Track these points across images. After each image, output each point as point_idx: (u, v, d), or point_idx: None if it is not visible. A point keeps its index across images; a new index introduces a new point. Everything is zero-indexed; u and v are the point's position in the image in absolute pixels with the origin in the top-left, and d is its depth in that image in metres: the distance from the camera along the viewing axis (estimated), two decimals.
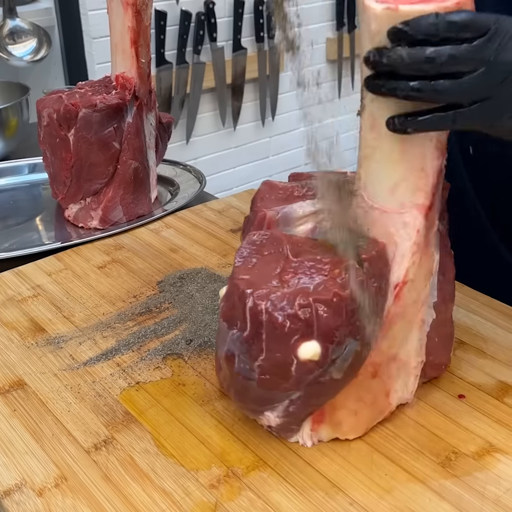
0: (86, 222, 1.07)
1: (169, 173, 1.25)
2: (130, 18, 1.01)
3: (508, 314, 0.81)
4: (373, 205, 0.59)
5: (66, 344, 0.78)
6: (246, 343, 0.57)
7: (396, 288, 0.60)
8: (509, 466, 0.61)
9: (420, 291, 0.61)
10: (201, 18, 2.26)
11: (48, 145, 1.06)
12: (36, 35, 1.88)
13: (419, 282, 0.61)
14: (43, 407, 0.69)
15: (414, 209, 0.58)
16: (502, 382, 0.70)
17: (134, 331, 0.80)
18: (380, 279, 0.58)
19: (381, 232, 0.59)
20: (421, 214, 0.58)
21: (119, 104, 1.02)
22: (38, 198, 1.22)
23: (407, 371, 0.64)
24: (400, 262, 0.59)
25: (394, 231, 0.59)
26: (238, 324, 0.57)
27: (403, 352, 0.63)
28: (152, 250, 0.99)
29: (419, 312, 0.62)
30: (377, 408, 0.64)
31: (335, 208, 0.61)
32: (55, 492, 0.59)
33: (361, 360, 0.59)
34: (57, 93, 1.06)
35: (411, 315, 0.62)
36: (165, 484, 0.60)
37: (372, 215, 0.60)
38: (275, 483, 0.60)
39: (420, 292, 0.62)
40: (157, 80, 2.22)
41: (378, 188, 0.59)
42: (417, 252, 0.59)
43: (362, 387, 0.61)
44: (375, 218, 0.60)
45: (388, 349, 0.61)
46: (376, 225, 0.60)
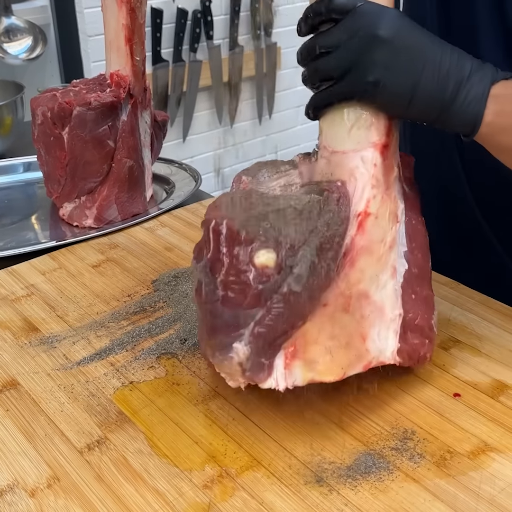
0: (81, 221, 1.06)
1: (164, 171, 1.24)
2: (124, 15, 1.01)
3: (504, 312, 0.81)
4: (333, 149, 0.65)
5: (60, 344, 0.78)
6: (209, 263, 0.61)
7: (359, 217, 0.63)
8: (504, 465, 0.61)
9: (385, 231, 0.64)
10: (198, 16, 2.25)
11: (42, 143, 1.05)
12: (31, 33, 1.87)
13: (383, 220, 0.64)
14: (36, 407, 0.69)
15: (370, 147, 0.64)
16: (497, 380, 0.70)
17: (128, 330, 0.80)
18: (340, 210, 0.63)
19: (343, 172, 0.65)
20: (377, 151, 0.64)
21: (114, 102, 1.02)
22: (33, 197, 1.22)
23: (384, 320, 0.64)
24: (361, 194, 0.63)
25: (353, 168, 0.64)
26: (204, 252, 0.62)
27: (377, 294, 0.64)
28: (147, 249, 0.99)
29: (388, 256, 0.65)
30: (354, 351, 0.63)
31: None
32: (48, 492, 0.59)
33: (320, 275, 0.60)
34: (51, 91, 1.05)
35: (379, 254, 0.64)
36: (158, 485, 0.59)
37: (334, 160, 0.65)
38: (269, 483, 0.59)
39: (386, 232, 0.64)
40: (153, 78, 2.21)
41: (337, 133, 0.65)
42: (377, 187, 0.64)
43: (334, 321, 0.61)
44: (337, 162, 0.65)
45: (357, 282, 0.62)
46: (338, 167, 0.65)
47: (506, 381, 0.70)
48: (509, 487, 0.58)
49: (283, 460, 0.62)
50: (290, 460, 0.62)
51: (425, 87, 0.61)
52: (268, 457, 0.62)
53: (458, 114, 0.62)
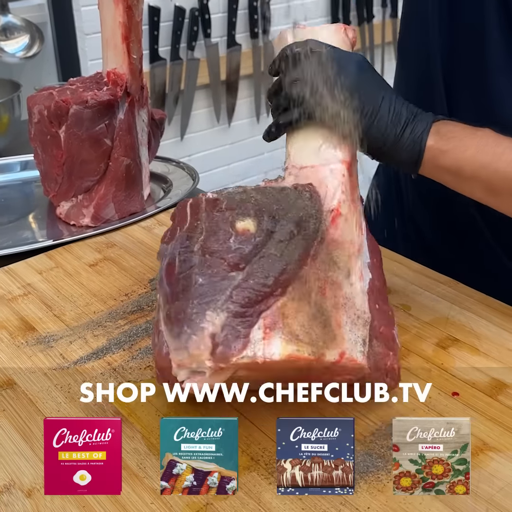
0: (78, 219, 1.06)
1: (162, 170, 1.24)
2: (121, 13, 1.00)
3: (502, 311, 0.80)
4: (301, 166, 0.70)
5: (57, 343, 0.78)
6: (186, 234, 0.63)
7: (332, 212, 0.66)
8: (502, 465, 0.60)
9: (354, 235, 0.68)
10: (195, 14, 2.25)
11: (39, 142, 1.05)
12: (28, 32, 1.87)
13: (352, 225, 0.68)
14: (32, 407, 0.68)
15: (337, 162, 0.70)
16: (495, 379, 0.70)
17: (125, 329, 0.79)
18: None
19: (313, 182, 0.69)
20: (344, 166, 0.69)
21: (111, 100, 1.02)
22: (30, 196, 1.22)
23: (355, 315, 0.65)
24: (333, 195, 0.67)
25: (323, 178, 0.69)
26: (178, 229, 0.65)
27: (348, 289, 0.65)
28: (144, 248, 0.98)
29: (357, 258, 0.67)
30: (331, 333, 0.62)
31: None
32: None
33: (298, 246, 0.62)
34: (48, 90, 1.05)
35: (349, 252, 0.66)
36: (156, 484, 0.59)
37: (303, 174, 0.70)
38: (266, 483, 0.59)
39: (354, 236, 0.68)
40: (151, 77, 2.21)
41: (305, 153, 0.71)
42: (345, 194, 0.68)
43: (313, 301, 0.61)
44: (306, 175, 0.69)
45: (331, 270, 0.64)
46: (307, 180, 0.69)
47: (505, 380, 0.70)
48: (508, 486, 0.58)
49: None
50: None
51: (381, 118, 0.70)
52: (266, 457, 0.62)
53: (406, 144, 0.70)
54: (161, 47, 2.22)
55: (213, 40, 2.32)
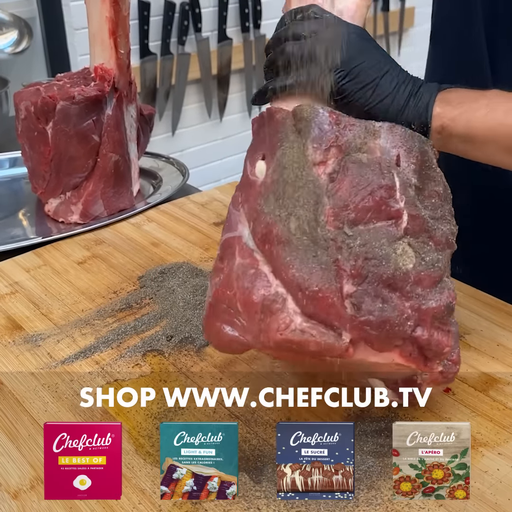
0: (67, 216, 1.05)
1: (151, 166, 1.23)
2: (108, 8, 0.99)
3: (493, 305, 0.80)
4: None
5: (44, 342, 0.77)
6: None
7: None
8: (493, 461, 0.60)
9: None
10: (185, 8, 2.23)
11: (26, 138, 1.04)
12: (17, 27, 1.85)
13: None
14: (19, 407, 0.68)
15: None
16: (486, 374, 0.70)
17: (113, 327, 0.79)
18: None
19: None
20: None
21: (98, 96, 1.01)
22: (19, 193, 1.20)
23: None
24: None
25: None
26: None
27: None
28: (133, 245, 0.98)
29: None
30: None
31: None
32: (31, 494, 0.58)
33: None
34: (35, 86, 1.04)
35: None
36: (144, 485, 0.59)
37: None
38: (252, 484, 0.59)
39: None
40: (141, 72, 2.19)
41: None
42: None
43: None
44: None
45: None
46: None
47: (495, 375, 0.69)
48: (499, 483, 0.58)
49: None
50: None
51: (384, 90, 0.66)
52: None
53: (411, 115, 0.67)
54: (151, 42, 2.21)
55: (203, 34, 2.31)
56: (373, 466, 0.59)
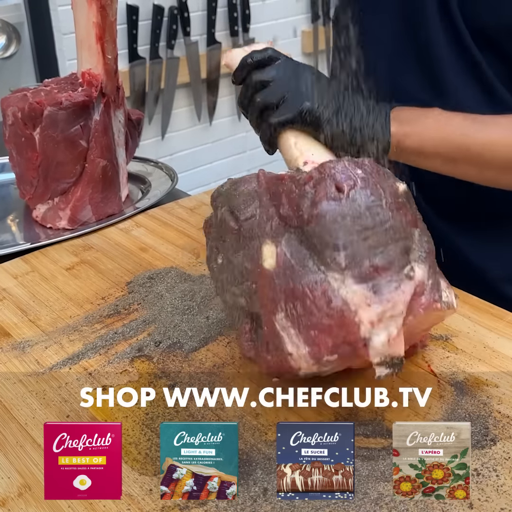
0: (55, 222, 1.05)
1: (140, 170, 1.23)
2: (94, 13, 0.99)
3: (479, 307, 0.80)
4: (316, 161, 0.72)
5: (32, 349, 0.77)
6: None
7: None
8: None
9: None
10: (174, 12, 2.23)
11: (13, 144, 1.04)
12: (5, 32, 1.85)
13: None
14: (7, 414, 0.67)
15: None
16: (472, 376, 0.70)
17: (101, 334, 0.79)
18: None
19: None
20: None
21: (86, 101, 1.01)
22: (7, 199, 1.20)
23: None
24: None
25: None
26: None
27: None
28: (122, 250, 0.98)
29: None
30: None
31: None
32: (18, 502, 0.58)
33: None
34: (22, 91, 1.04)
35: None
36: (131, 490, 0.59)
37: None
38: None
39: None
40: (130, 76, 2.19)
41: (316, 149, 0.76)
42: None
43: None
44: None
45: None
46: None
47: (482, 376, 0.70)
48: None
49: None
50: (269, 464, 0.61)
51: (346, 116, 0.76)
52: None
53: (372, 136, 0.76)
54: (140, 46, 2.20)
55: (192, 38, 2.31)
56: (360, 470, 0.60)
